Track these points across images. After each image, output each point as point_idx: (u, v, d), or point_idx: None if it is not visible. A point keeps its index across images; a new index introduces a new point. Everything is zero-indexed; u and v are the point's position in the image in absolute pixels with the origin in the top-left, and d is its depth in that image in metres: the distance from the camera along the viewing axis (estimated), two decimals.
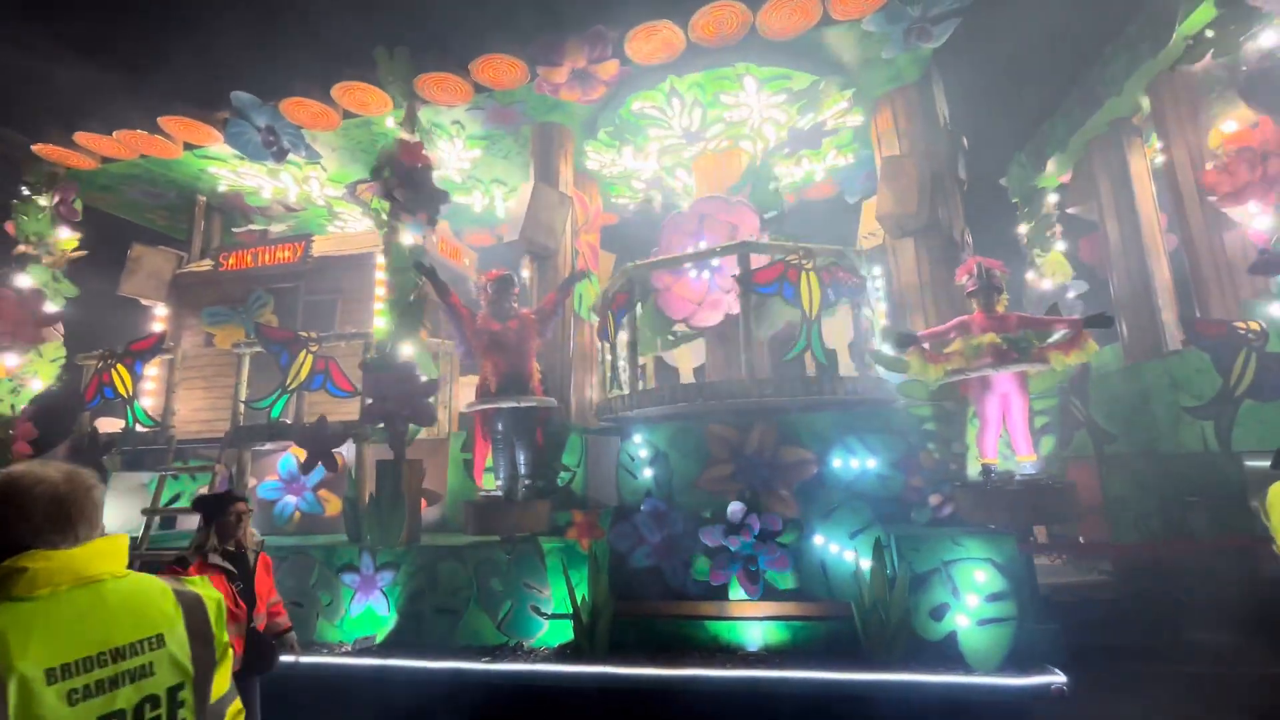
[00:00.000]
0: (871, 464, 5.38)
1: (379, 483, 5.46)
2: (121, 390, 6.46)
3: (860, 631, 4.37)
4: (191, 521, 5.64)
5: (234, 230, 8.72)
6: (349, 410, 6.62)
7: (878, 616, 4.33)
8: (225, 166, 7.44)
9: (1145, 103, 6.67)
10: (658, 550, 5.21)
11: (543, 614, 4.99)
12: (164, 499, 6.77)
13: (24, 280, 6.90)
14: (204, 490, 6.00)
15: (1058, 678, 3.89)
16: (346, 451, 6.07)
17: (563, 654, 4.78)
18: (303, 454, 6.82)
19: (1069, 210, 8.57)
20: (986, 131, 9.09)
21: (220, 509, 3.27)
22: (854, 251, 5.89)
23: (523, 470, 5.43)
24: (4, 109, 7.26)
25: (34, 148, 6.97)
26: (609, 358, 6.45)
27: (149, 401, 7.24)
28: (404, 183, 5.89)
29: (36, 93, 6.95)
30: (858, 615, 4.41)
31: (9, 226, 6.99)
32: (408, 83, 6.06)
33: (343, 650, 5.15)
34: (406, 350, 5.78)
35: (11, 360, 6.81)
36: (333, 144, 7.11)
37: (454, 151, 7.31)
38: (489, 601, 5.08)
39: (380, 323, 6.98)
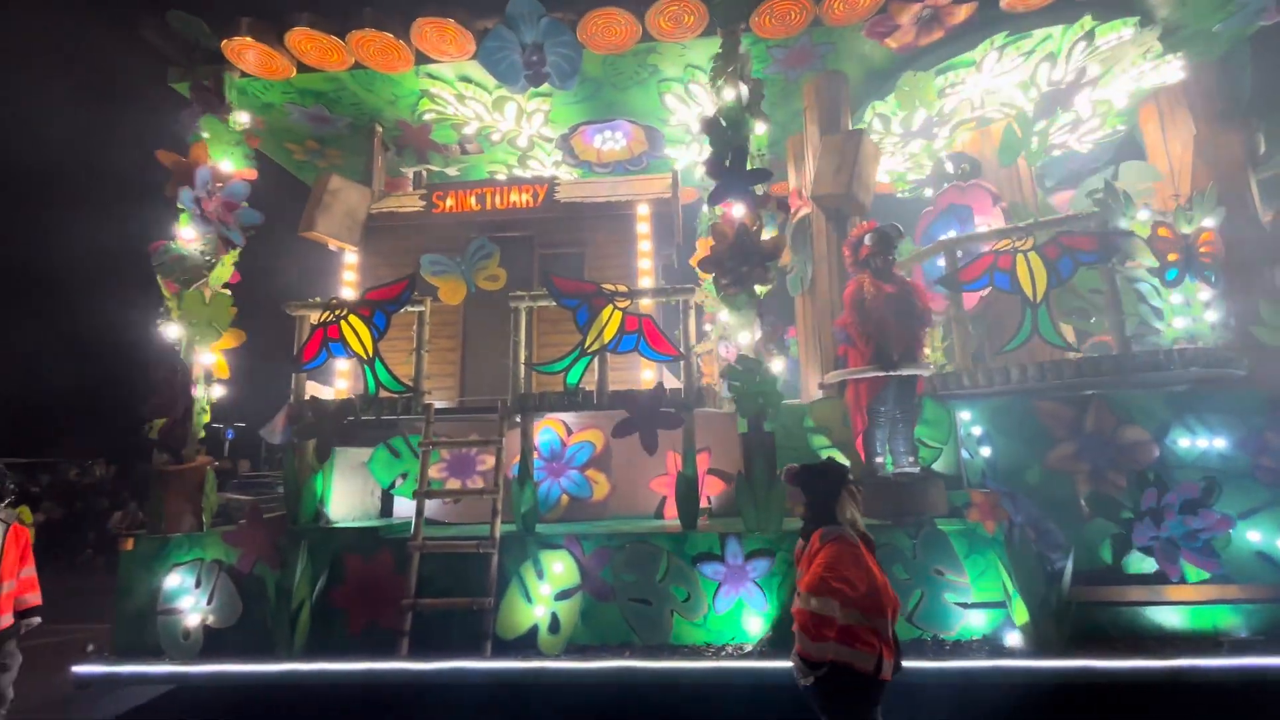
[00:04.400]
0: (1219, 443, 5.21)
1: (749, 458, 4.73)
2: (357, 348, 5.31)
3: None
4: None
5: (401, 171, 7.50)
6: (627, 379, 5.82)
7: None
8: (449, 89, 6.30)
9: None
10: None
11: (965, 604, 4.47)
12: (388, 479, 5.70)
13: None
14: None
15: None
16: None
17: (997, 648, 4.30)
18: (562, 428, 5.95)
19: None
20: None
21: None
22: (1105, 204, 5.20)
23: (902, 447, 4.88)
24: None
25: (225, 44, 5.61)
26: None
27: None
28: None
29: None
30: None
31: (198, 151, 5.61)
32: (740, 8, 5.30)
33: (723, 653, 4.42)
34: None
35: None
36: (585, 74, 6.16)
37: (707, 98, 6.52)
38: (895, 591, 4.50)
39: (646, 283, 6.17)
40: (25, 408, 20.56)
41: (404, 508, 6.01)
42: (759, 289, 5.18)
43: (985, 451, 5.41)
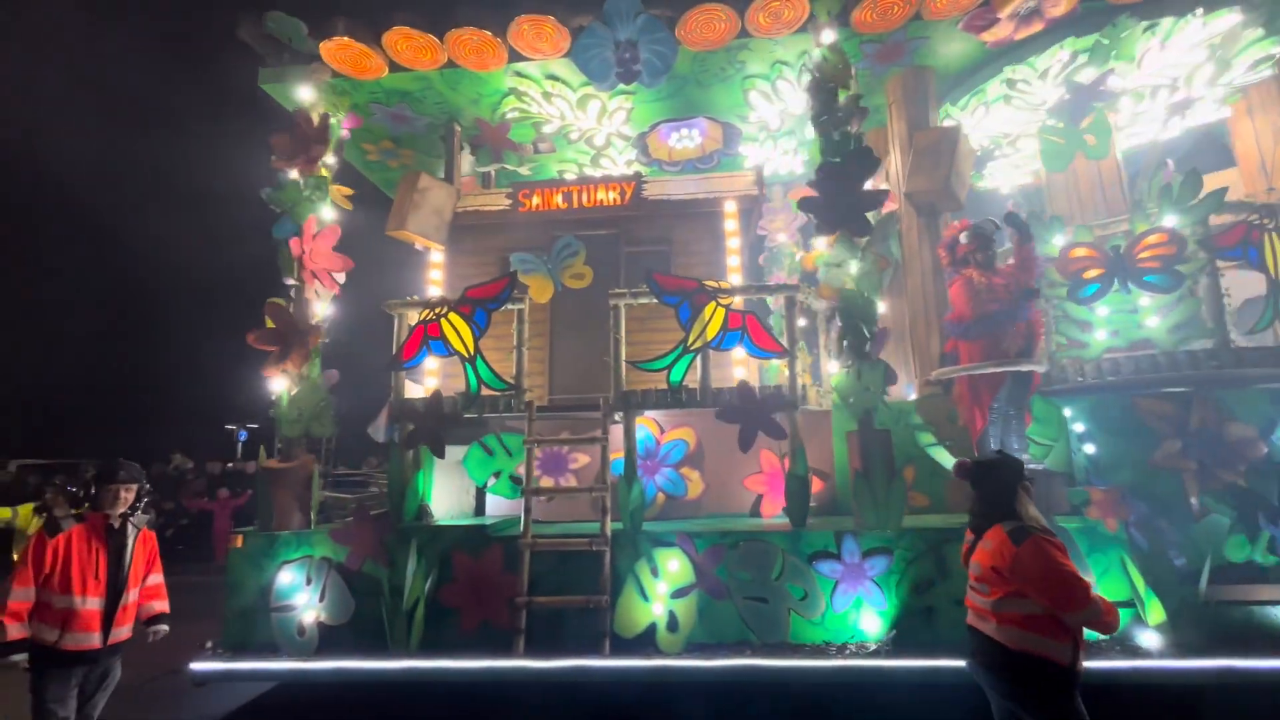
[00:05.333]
0: None
1: (866, 455, 4.68)
2: (458, 346, 5.31)
3: None
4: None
5: (478, 169, 7.51)
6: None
7: None
8: (536, 87, 6.31)
9: None
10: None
11: None
12: (482, 477, 5.69)
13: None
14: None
15: None
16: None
17: (1130, 648, 4.23)
18: (655, 425, 5.93)
19: None
20: None
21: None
22: None
23: (1016, 444, 4.83)
24: None
25: (323, 45, 5.64)
26: None
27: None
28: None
29: None
30: None
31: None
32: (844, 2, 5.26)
33: (845, 651, 4.38)
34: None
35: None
36: (673, 71, 6.13)
37: (798, 94, 6.49)
38: None
39: (735, 280, 6.15)
40: (27, 407, 20.80)
41: (494, 506, 6.00)
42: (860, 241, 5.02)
43: (1089, 449, 5.36)
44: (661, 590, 4.64)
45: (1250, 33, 5.67)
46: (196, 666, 4.66)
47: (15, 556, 6.70)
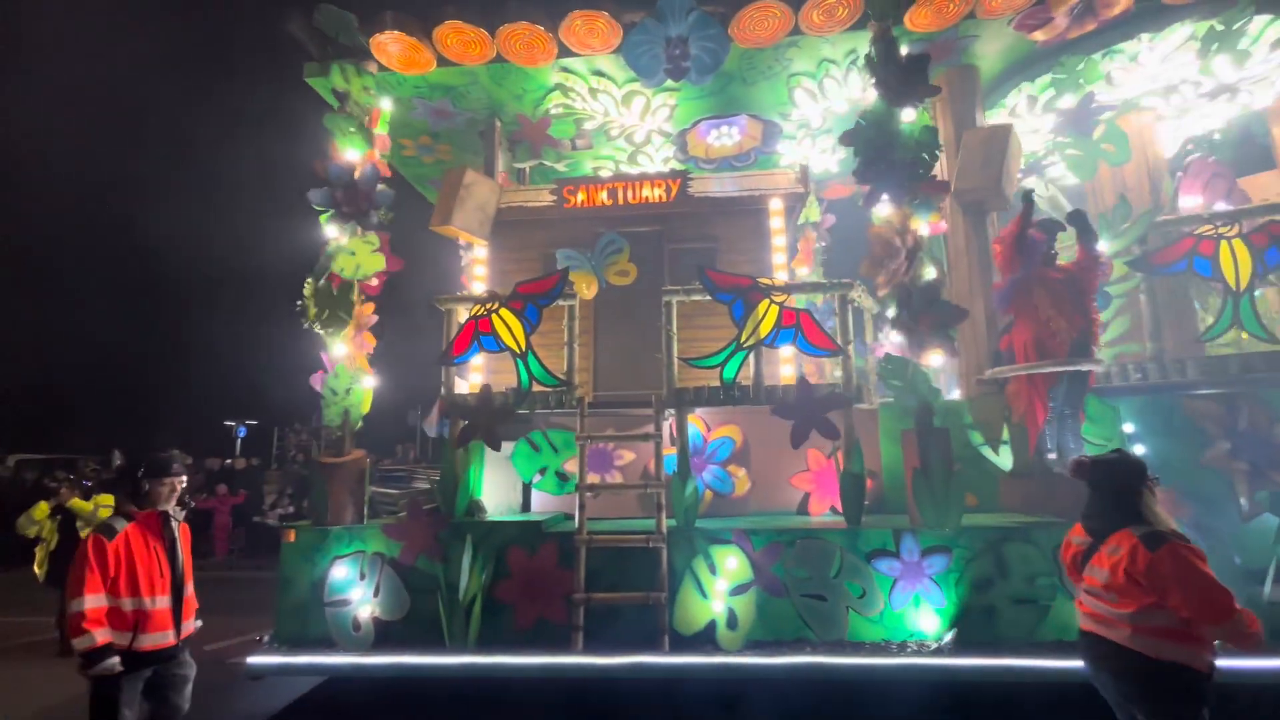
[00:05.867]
0: None
1: (924, 454, 4.68)
2: (510, 341, 5.30)
3: None
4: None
5: (515, 165, 7.50)
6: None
7: None
8: (582, 82, 6.29)
9: None
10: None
11: None
12: (529, 473, 5.70)
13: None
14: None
15: None
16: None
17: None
18: (702, 423, 5.92)
19: None
20: None
21: None
22: None
23: (1072, 443, 4.84)
24: None
25: (374, 38, 5.62)
26: None
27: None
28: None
29: None
30: None
31: (339, 153, 5.60)
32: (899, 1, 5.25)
33: (906, 649, 4.38)
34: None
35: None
36: (721, 68, 6.12)
37: (844, 92, 6.49)
38: (1073, 588, 4.45)
39: (781, 277, 6.14)
40: (21, 401, 20.71)
41: (539, 502, 5.99)
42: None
43: (1139, 449, 5.36)
44: (720, 587, 4.63)
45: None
46: (253, 660, 4.66)
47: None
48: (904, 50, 5.07)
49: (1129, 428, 5.40)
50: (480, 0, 5.66)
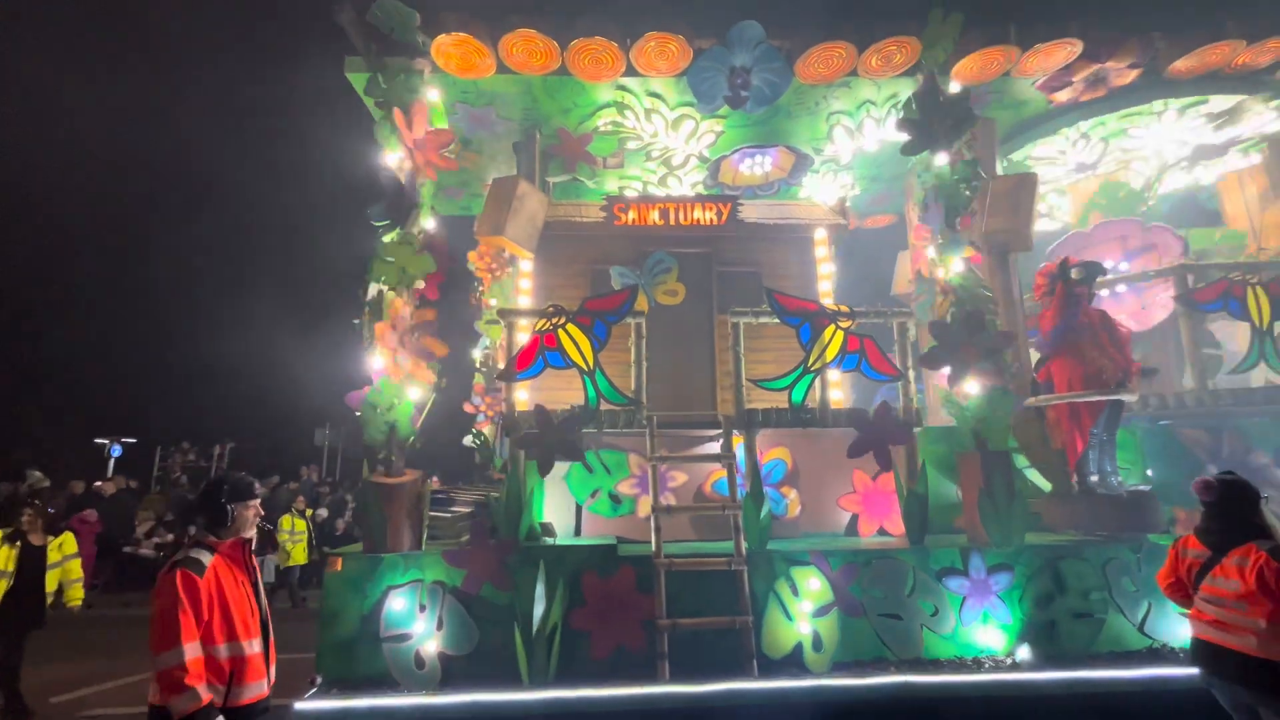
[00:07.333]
0: None
1: (988, 475, 4.93)
2: (577, 358, 5.15)
3: None
4: None
5: (547, 179, 7.35)
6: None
7: None
8: (638, 102, 6.29)
9: None
10: None
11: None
12: (584, 495, 5.53)
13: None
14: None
15: None
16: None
17: None
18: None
19: None
20: None
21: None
22: None
23: (1109, 466, 5.26)
24: None
25: (439, 39, 5.40)
26: None
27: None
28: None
29: None
30: None
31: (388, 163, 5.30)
32: (948, 50, 5.66)
33: (982, 666, 4.55)
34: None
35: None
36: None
37: (879, 133, 6.87)
38: (1125, 603, 4.80)
39: (827, 304, 6.33)
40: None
41: (590, 525, 5.78)
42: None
43: (1148, 473, 5.93)
44: (805, 609, 4.64)
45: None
46: (302, 706, 4.16)
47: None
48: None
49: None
50: (548, 9, 5.58)
